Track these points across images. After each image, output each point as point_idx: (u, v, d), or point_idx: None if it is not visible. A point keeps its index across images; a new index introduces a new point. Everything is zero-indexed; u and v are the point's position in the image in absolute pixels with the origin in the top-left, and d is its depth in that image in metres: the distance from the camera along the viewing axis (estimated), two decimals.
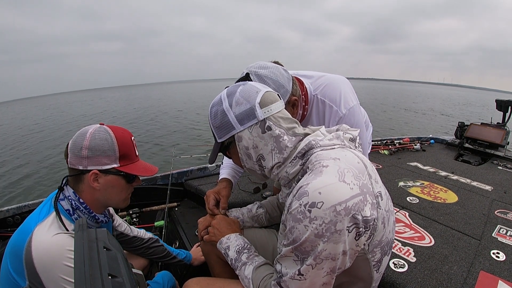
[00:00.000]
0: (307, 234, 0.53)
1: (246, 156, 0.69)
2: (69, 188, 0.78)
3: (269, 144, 0.66)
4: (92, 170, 0.74)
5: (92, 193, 0.78)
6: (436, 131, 9.71)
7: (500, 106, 2.89)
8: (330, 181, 0.54)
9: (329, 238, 0.53)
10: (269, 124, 0.65)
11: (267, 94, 0.67)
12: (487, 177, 2.10)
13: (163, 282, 1.00)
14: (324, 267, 0.55)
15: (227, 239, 0.83)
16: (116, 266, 0.42)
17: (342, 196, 0.53)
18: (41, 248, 0.66)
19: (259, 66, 0.91)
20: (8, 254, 0.70)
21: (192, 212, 1.76)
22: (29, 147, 8.68)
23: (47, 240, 0.68)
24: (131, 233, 1.10)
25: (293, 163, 0.65)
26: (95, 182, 0.76)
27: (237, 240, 0.82)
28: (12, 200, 4.68)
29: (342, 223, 0.52)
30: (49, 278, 0.66)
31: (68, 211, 0.76)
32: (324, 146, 0.63)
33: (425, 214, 1.48)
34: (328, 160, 0.58)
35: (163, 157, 6.43)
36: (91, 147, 0.74)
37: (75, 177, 0.77)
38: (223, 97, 0.68)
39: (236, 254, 0.78)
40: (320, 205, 0.52)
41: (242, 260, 0.75)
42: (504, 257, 1.12)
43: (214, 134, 0.72)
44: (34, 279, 0.66)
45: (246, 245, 0.80)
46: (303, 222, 0.53)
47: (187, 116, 13.64)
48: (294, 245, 0.56)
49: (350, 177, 0.55)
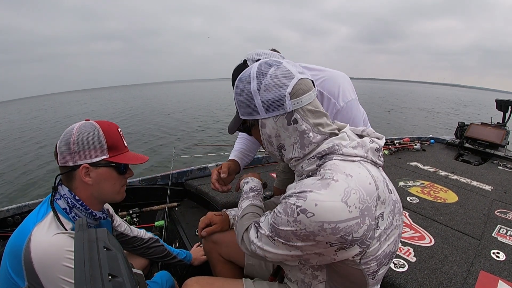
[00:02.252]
0: (286, 228, 0.56)
1: (267, 142, 0.67)
2: (64, 187, 0.78)
3: (293, 137, 0.63)
4: (82, 164, 0.74)
5: (86, 189, 0.78)
6: (436, 131, 9.72)
7: (500, 106, 2.89)
8: (332, 198, 0.53)
9: (305, 241, 0.55)
10: (296, 117, 0.61)
11: (300, 83, 0.61)
12: (487, 177, 2.10)
13: (161, 282, 1.00)
14: (292, 251, 0.59)
15: (250, 179, 0.95)
16: (116, 266, 0.42)
17: (336, 217, 0.52)
18: (40, 249, 0.66)
19: (256, 53, 0.93)
20: (7, 255, 0.70)
21: (192, 212, 1.76)
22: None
23: (46, 240, 0.67)
24: (131, 233, 1.10)
25: (311, 161, 0.63)
26: (86, 177, 0.76)
27: (256, 184, 0.93)
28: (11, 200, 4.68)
29: (324, 237, 0.53)
30: (48, 279, 0.66)
31: (65, 209, 0.76)
32: (345, 155, 0.60)
33: (425, 214, 1.48)
34: (341, 175, 0.55)
35: (163, 157, 6.43)
36: (78, 142, 0.74)
37: (67, 175, 0.77)
38: (252, 76, 0.63)
39: (248, 189, 0.89)
40: (310, 215, 0.52)
41: (248, 195, 0.86)
42: (504, 257, 1.12)
43: (237, 109, 0.69)
44: (33, 280, 0.66)
45: (260, 190, 0.91)
46: (288, 217, 0.55)
47: (187, 116, 13.64)
48: (274, 226, 0.59)
49: (354, 199, 0.53)
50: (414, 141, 2.99)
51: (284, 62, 0.64)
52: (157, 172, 1.96)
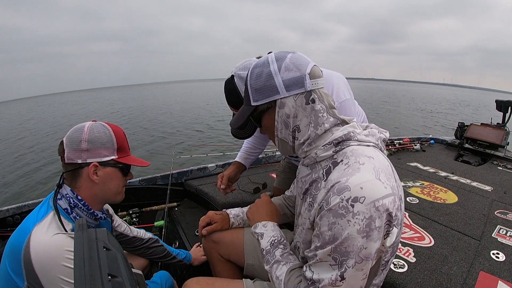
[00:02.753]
0: (349, 229, 0.52)
1: (283, 125, 0.66)
2: (66, 187, 0.78)
3: (309, 117, 0.64)
4: (91, 162, 0.75)
5: (90, 188, 0.78)
6: (435, 131, 9.72)
7: (500, 106, 2.89)
8: (369, 177, 0.54)
9: (368, 235, 0.52)
10: (314, 97, 0.63)
11: (315, 68, 0.65)
12: (487, 177, 2.10)
13: (161, 282, 1.00)
14: (363, 268, 0.54)
15: (263, 226, 0.80)
16: (116, 266, 0.42)
17: (380, 193, 0.53)
18: (40, 249, 0.66)
19: (241, 67, 0.97)
20: (7, 255, 0.70)
21: (192, 212, 1.76)
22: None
23: (46, 240, 0.67)
24: (131, 233, 1.10)
25: (326, 147, 0.64)
26: (94, 175, 0.77)
27: (273, 231, 0.78)
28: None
29: (381, 219, 0.53)
30: (47, 279, 0.66)
31: (66, 210, 0.76)
32: (360, 141, 0.63)
33: (425, 214, 1.48)
34: (364, 158, 0.58)
35: (163, 157, 6.43)
36: (90, 140, 0.75)
37: (72, 172, 0.77)
38: (271, 60, 0.64)
39: (269, 246, 0.74)
40: (363, 200, 0.52)
41: (275, 256, 0.72)
42: (504, 258, 1.12)
43: (248, 97, 0.68)
44: (33, 280, 0.66)
45: (282, 240, 0.76)
46: (346, 217, 0.53)
47: (187, 116, 13.64)
48: (334, 244, 0.54)
49: (383, 177, 0.56)
50: (414, 142, 2.99)
51: (298, 52, 0.67)
52: (157, 172, 1.96)
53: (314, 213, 0.61)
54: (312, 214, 0.62)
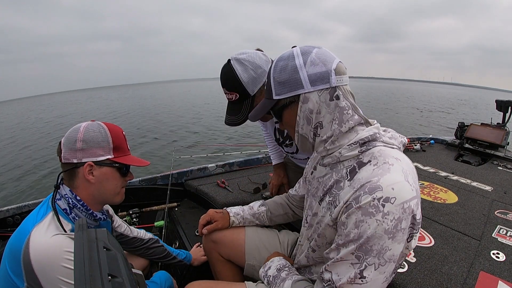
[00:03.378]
0: (378, 229, 0.52)
1: (305, 120, 0.65)
2: (65, 187, 0.78)
3: (333, 113, 0.63)
4: (86, 162, 0.75)
5: (87, 188, 0.78)
6: (437, 131, 9.72)
7: (500, 106, 2.89)
8: (400, 179, 0.55)
9: (395, 236, 0.53)
10: (339, 93, 0.62)
11: (340, 65, 0.64)
12: (487, 177, 2.10)
13: (160, 282, 1.00)
14: (386, 271, 0.54)
15: (270, 262, 0.84)
16: (116, 266, 0.42)
17: (408, 195, 0.54)
18: (39, 250, 0.66)
19: (239, 53, 0.98)
20: (7, 256, 0.70)
21: (192, 212, 1.76)
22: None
23: (45, 241, 0.67)
24: (131, 234, 1.10)
25: (352, 147, 0.63)
26: (90, 175, 0.76)
27: (279, 261, 0.83)
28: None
29: (406, 221, 0.53)
30: (47, 280, 0.66)
31: (65, 210, 0.76)
32: (386, 143, 0.63)
33: (425, 214, 1.48)
34: (392, 159, 0.58)
35: (163, 157, 6.43)
36: (85, 139, 0.75)
37: (69, 172, 0.77)
38: (297, 54, 0.63)
39: (276, 272, 0.78)
40: (393, 200, 0.52)
41: (281, 277, 0.75)
42: (504, 258, 1.12)
43: (270, 90, 0.67)
44: (32, 281, 0.66)
45: (288, 265, 0.80)
46: (376, 216, 0.53)
47: (187, 116, 13.64)
48: (359, 242, 0.54)
49: (411, 179, 0.56)
50: (414, 142, 2.99)
51: (324, 47, 0.67)
52: (157, 173, 1.96)
53: (338, 211, 0.60)
54: (336, 212, 0.61)
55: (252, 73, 0.94)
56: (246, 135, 8.52)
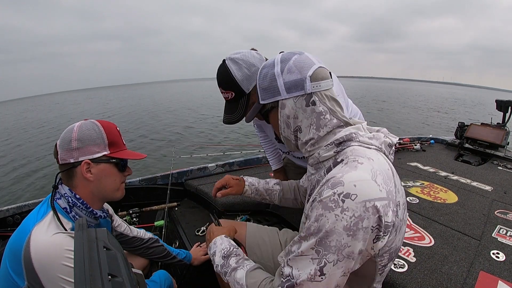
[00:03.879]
0: (336, 224, 0.52)
1: (285, 124, 0.70)
2: (64, 186, 0.78)
3: (310, 118, 0.66)
4: (83, 160, 0.75)
5: (86, 186, 0.78)
6: (437, 132, 9.72)
7: (500, 106, 2.89)
8: (365, 177, 0.54)
9: (355, 234, 0.52)
10: (315, 99, 0.65)
11: (320, 70, 0.66)
12: (487, 177, 2.10)
13: (160, 281, 1.00)
14: (343, 266, 0.54)
15: (213, 244, 0.80)
16: (116, 266, 0.42)
17: (373, 194, 0.53)
18: (40, 248, 0.66)
19: (234, 53, 1.00)
20: (7, 255, 0.70)
21: (192, 212, 1.76)
22: None
23: (46, 240, 0.68)
24: (131, 233, 1.10)
25: (328, 148, 0.65)
26: (88, 173, 0.76)
27: (222, 244, 0.78)
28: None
29: (369, 220, 0.52)
30: (48, 278, 0.66)
31: (65, 209, 0.76)
32: (362, 142, 0.63)
33: (425, 214, 1.48)
34: (363, 158, 0.58)
35: (163, 157, 6.43)
36: (79, 138, 0.76)
37: (67, 172, 0.77)
38: (277, 62, 0.68)
39: (222, 260, 0.73)
40: (354, 197, 0.52)
41: (231, 266, 0.71)
42: (504, 258, 1.12)
43: (258, 95, 0.73)
44: (33, 280, 0.66)
45: (233, 249, 0.76)
46: (335, 211, 0.52)
47: (187, 116, 13.64)
48: (319, 236, 0.53)
49: (380, 180, 0.55)
50: (414, 142, 2.99)
51: (306, 53, 0.69)
52: (157, 172, 1.96)
53: (308, 206, 0.61)
54: (307, 208, 0.61)
55: (246, 71, 0.96)
56: (246, 135, 8.53)
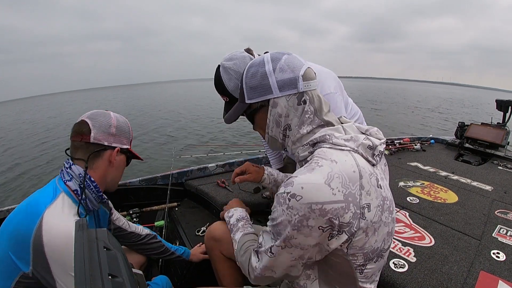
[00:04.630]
0: (282, 217, 0.58)
1: (274, 123, 0.70)
2: (79, 167, 0.78)
3: (299, 117, 0.68)
4: (116, 147, 0.83)
5: (105, 170, 0.83)
6: (437, 132, 9.71)
7: (500, 106, 2.89)
8: (316, 180, 0.55)
9: (300, 230, 0.56)
10: (306, 98, 0.67)
11: (309, 70, 0.68)
12: (487, 177, 2.10)
13: (161, 283, 1.00)
14: (293, 253, 0.60)
15: (234, 210, 0.95)
16: (116, 266, 0.42)
17: (321, 197, 0.54)
18: (53, 234, 0.65)
19: (227, 58, 1.02)
20: (8, 237, 0.68)
21: (192, 212, 1.76)
22: None
23: (60, 225, 0.66)
24: (129, 229, 1.09)
25: (304, 148, 0.68)
26: (115, 159, 0.83)
27: (241, 213, 0.93)
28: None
29: (315, 221, 0.55)
30: (58, 264, 0.64)
31: (75, 191, 0.76)
32: (335, 144, 0.62)
33: (425, 214, 1.48)
34: (326, 161, 0.58)
35: (163, 157, 6.43)
36: (118, 127, 0.83)
37: (96, 153, 0.80)
38: (267, 60, 0.68)
39: (235, 221, 0.89)
40: (299, 198, 0.55)
41: (238, 226, 0.87)
42: (504, 257, 1.12)
43: (243, 94, 0.71)
44: (41, 265, 0.64)
45: (247, 217, 0.92)
46: (282, 206, 0.57)
47: (187, 116, 13.64)
48: (273, 223, 0.61)
49: (337, 183, 0.55)
50: (414, 141, 2.99)
51: (293, 54, 0.71)
52: (157, 172, 1.96)
53: None
54: None
55: (237, 81, 0.98)
56: (246, 135, 8.53)
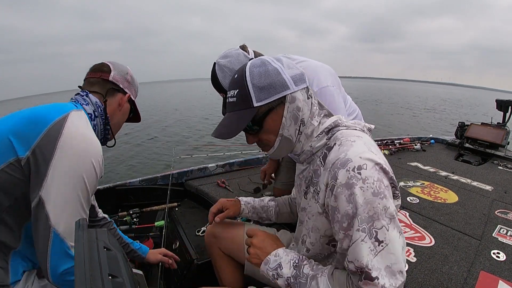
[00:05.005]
0: (366, 194, 0.55)
1: (292, 120, 0.66)
2: (94, 97, 0.82)
3: (310, 110, 0.69)
4: (128, 93, 0.90)
5: (114, 111, 0.88)
6: (436, 131, 9.72)
7: (500, 106, 2.89)
8: (364, 149, 0.60)
9: (384, 195, 0.56)
10: (310, 92, 0.69)
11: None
12: (487, 177, 2.10)
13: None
14: (394, 227, 0.55)
15: (275, 257, 0.68)
16: (116, 266, 0.42)
17: (377, 159, 0.58)
18: (76, 131, 0.67)
19: (222, 56, 1.07)
20: (19, 118, 0.67)
21: (192, 212, 1.76)
22: None
23: (86, 130, 0.71)
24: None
25: (319, 137, 0.68)
26: (123, 104, 0.89)
27: (288, 254, 0.68)
28: None
29: (386, 179, 0.58)
30: (62, 156, 0.63)
31: (90, 115, 0.80)
32: (348, 126, 0.69)
33: (426, 214, 1.48)
34: (354, 137, 0.64)
35: (163, 157, 6.43)
36: (132, 77, 0.92)
37: (111, 90, 0.86)
38: (270, 60, 0.66)
39: (294, 270, 0.64)
40: (365, 166, 0.56)
41: (306, 274, 0.63)
42: (505, 257, 1.12)
43: (248, 98, 0.64)
44: (42, 152, 0.62)
45: (301, 257, 0.68)
46: (358, 184, 0.55)
47: (187, 116, 13.64)
48: (358, 214, 0.54)
49: (375, 149, 0.62)
50: (414, 141, 2.99)
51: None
52: (157, 172, 1.96)
53: (323, 195, 0.63)
54: (321, 197, 0.63)
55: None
56: None
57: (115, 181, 1.81)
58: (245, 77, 0.65)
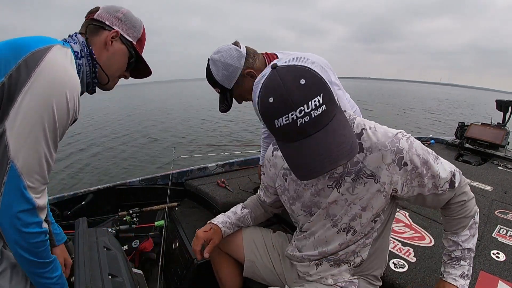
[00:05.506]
0: (414, 143, 0.70)
1: None
2: (81, 37, 0.80)
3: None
4: (115, 29, 0.81)
5: (100, 51, 0.81)
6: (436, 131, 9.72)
7: (500, 106, 2.89)
8: (374, 123, 0.73)
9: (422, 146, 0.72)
10: None
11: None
12: (487, 177, 2.10)
13: None
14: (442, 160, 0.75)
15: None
16: (116, 266, 0.42)
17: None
18: (56, 63, 0.64)
19: (215, 51, 1.10)
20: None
21: (192, 212, 1.76)
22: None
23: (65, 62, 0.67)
24: None
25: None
26: (110, 42, 0.81)
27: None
28: None
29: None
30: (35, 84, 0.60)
31: (76, 53, 0.77)
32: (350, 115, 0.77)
33: (425, 214, 1.48)
34: (369, 122, 0.74)
35: (163, 156, 6.43)
36: (126, 15, 0.84)
37: (95, 28, 0.81)
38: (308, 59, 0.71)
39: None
40: (400, 134, 0.70)
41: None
42: (504, 257, 1.12)
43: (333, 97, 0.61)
44: (17, 78, 0.60)
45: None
46: (402, 140, 0.69)
47: (187, 115, 13.63)
48: (430, 159, 0.71)
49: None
50: None
51: None
52: (157, 172, 1.96)
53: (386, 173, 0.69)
54: (384, 175, 0.69)
55: (224, 72, 1.06)
56: (246, 135, 8.53)
57: (115, 180, 1.81)
58: (321, 77, 0.57)
